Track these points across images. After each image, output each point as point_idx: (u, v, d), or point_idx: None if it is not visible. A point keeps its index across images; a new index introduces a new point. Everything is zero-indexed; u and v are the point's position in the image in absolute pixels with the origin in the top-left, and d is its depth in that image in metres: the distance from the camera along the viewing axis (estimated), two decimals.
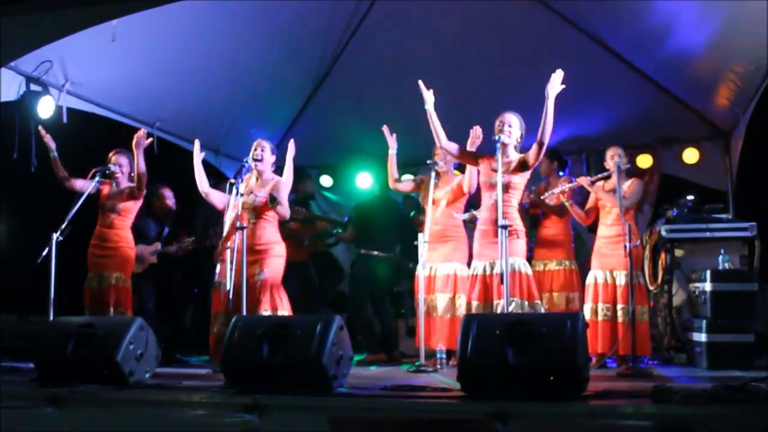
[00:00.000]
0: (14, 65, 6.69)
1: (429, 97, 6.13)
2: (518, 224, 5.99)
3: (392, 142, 7.09)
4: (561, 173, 7.62)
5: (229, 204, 6.37)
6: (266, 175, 6.55)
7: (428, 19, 8.10)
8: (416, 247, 6.41)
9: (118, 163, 6.92)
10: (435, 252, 6.80)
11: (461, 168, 7.12)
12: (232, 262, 6.21)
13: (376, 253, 7.88)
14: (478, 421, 3.68)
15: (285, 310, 6.32)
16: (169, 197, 7.97)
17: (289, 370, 4.49)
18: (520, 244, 5.98)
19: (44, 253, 6.15)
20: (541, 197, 7.19)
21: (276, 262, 6.41)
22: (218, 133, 9.21)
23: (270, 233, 6.46)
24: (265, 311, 6.18)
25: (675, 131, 9.03)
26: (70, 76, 7.21)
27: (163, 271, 7.70)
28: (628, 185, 6.87)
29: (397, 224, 8.07)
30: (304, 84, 9.15)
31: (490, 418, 3.63)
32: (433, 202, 6.85)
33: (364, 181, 10.17)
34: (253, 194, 6.42)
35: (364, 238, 8.14)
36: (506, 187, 5.94)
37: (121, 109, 8.07)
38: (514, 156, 6.10)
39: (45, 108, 6.88)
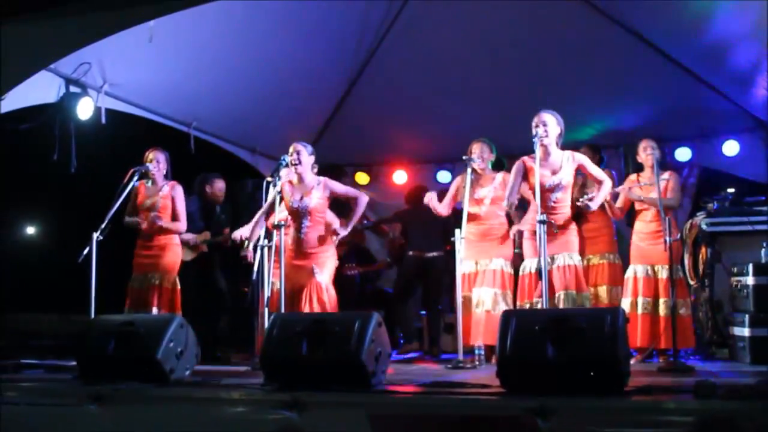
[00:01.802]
0: (54, 67, 6.77)
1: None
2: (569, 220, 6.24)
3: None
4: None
5: (266, 202, 6.41)
6: (308, 177, 6.51)
7: (463, 16, 8.05)
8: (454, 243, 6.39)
9: (156, 159, 6.91)
10: (479, 249, 6.72)
11: (499, 166, 7.08)
12: (270, 262, 6.24)
13: (429, 254, 7.92)
14: (519, 417, 3.65)
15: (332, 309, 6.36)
16: (220, 187, 8.02)
17: (328, 367, 4.49)
18: (573, 237, 6.21)
19: (85, 252, 6.23)
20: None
21: (328, 263, 6.48)
22: (254, 132, 9.25)
23: (319, 236, 6.48)
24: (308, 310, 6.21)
25: (714, 123, 8.90)
26: (108, 77, 7.29)
27: (203, 269, 7.74)
28: (666, 179, 6.78)
29: (442, 223, 8.03)
30: (339, 82, 9.15)
31: (530, 413, 3.61)
32: (477, 201, 6.81)
33: (400, 178, 10.22)
34: (297, 198, 6.42)
35: (412, 239, 8.18)
36: (564, 188, 6.17)
37: (158, 109, 8.15)
38: (560, 157, 6.18)
39: (84, 109, 6.96)
